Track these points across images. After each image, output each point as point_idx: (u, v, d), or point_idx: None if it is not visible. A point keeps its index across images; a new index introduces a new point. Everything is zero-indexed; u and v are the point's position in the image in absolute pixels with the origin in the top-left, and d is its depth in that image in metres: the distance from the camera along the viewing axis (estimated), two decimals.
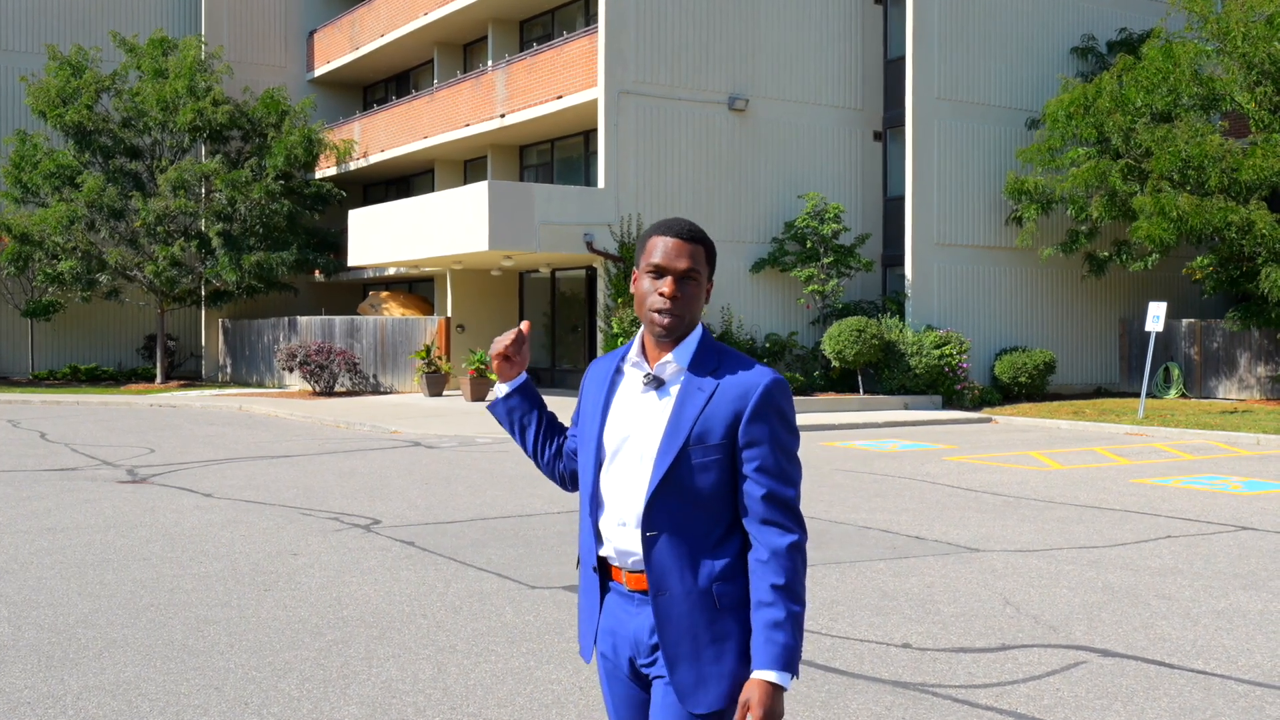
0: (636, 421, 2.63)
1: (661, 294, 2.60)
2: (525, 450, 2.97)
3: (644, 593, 2.62)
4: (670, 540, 2.57)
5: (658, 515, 2.57)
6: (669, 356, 2.63)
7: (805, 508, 10.72)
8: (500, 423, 2.97)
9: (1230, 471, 13.80)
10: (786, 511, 2.59)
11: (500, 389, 2.93)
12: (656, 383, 2.63)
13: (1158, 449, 16.55)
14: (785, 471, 2.61)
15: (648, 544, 2.57)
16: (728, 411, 2.57)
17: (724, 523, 2.61)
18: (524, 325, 2.90)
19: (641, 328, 2.71)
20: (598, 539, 2.69)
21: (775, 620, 2.51)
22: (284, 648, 5.97)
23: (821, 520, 10.03)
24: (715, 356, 2.63)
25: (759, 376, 2.60)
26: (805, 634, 6.27)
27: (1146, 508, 10.91)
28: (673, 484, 2.56)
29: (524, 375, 2.93)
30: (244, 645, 6.01)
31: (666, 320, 2.60)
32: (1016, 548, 8.87)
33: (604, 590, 2.72)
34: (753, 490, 2.57)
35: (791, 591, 2.53)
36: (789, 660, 2.51)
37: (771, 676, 2.48)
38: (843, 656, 5.89)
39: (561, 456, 2.95)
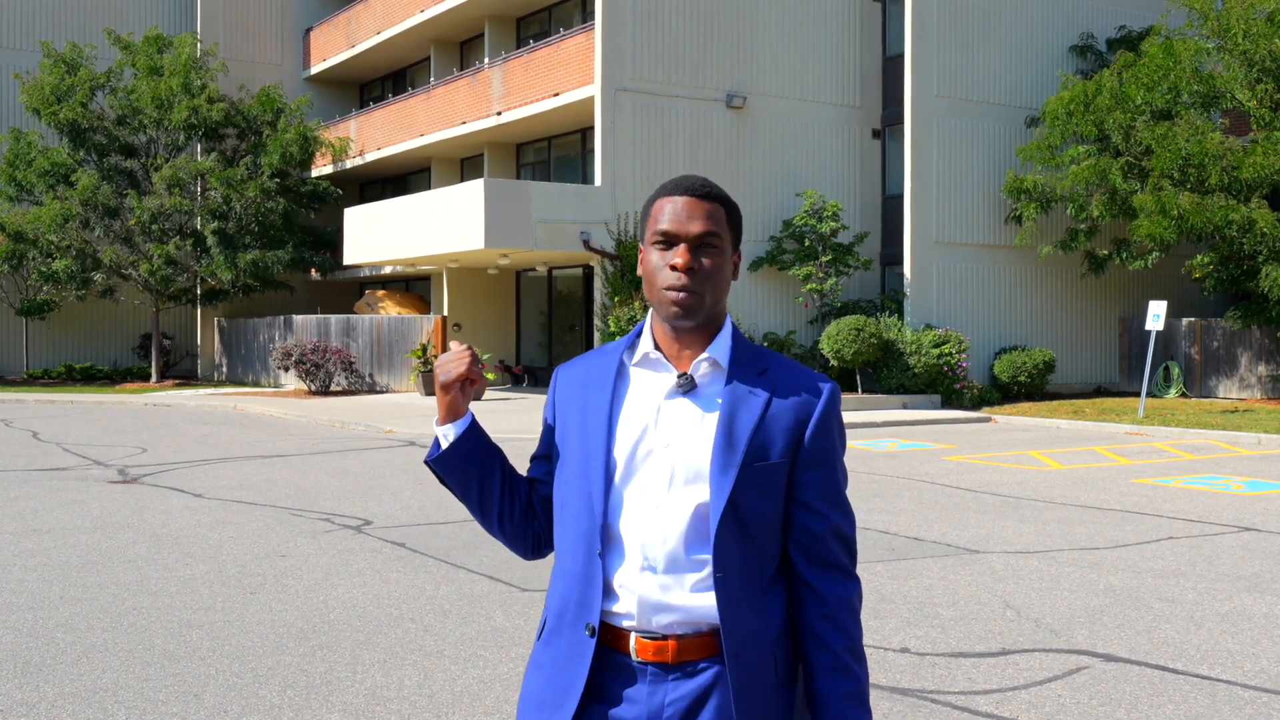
0: (665, 434, 2.07)
1: (674, 266, 2.07)
2: (487, 511, 2.22)
3: (663, 665, 2.04)
4: (739, 588, 2.04)
5: (724, 554, 2.03)
6: (706, 352, 2.11)
7: None
8: (447, 481, 2.21)
9: (1232, 472, 13.67)
10: (849, 553, 2.14)
11: (446, 432, 2.18)
12: (690, 384, 2.10)
13: (1158, 449, 16.43)
14: (845, 502, 2.16)
15: (722, 592, 2.03)
16: (788, 423, 2.09)
17: (775, 562, 2.11)
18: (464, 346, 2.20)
19: (647, 317, 2.20)
20: (605, 592, 2.07)
21: (851, 692, 2.07)
22: (267, 653, 5.83)
23: None
24: (759, 355, 2.15)
25: (819, 382, 2.14)
26: None
27: (1148, 508, 10.78)
28: (730, 513, 2.03)
29: (470, 413, 2.21)
30: (226, 650, 5.87)
31: (684, 299, 2.06)
32: (1017, 549, 8.74)
33: (596, 665, 2.08)
34: (813, 525, 2.10)
35: (860, 656, 2.11)
36: None
37: None
38: None
39: (535, 511, 2.26)
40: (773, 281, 23.68)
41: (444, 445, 2.19)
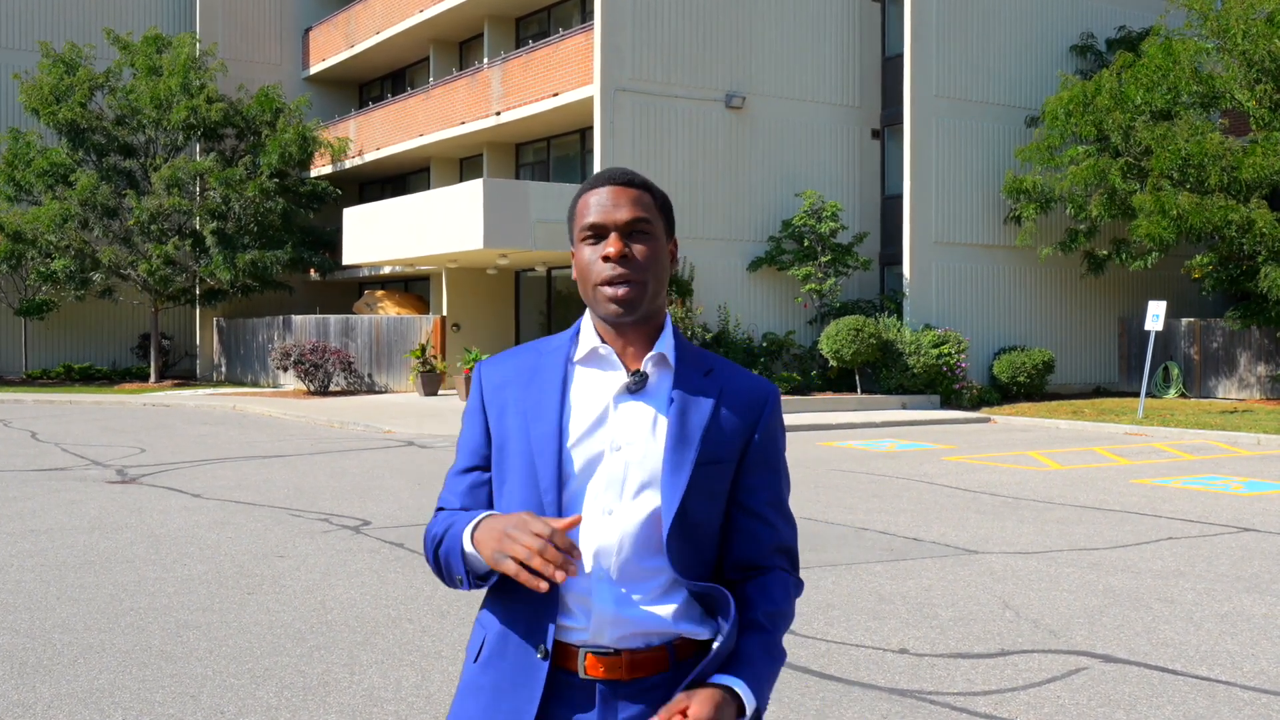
0: (617, 435, 1.97)
1: (607, 257, 1.96)
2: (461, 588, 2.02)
3: (614, 683, 1.94)
4: (688, 596, 1.98)
5: (674, 560, 1.94)
6: (655, 349, 2.01)
7: (800, 507, 10.58)
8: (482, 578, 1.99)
9: (1231, 472, 13.66)
10: (794, 565, 2.09)
11: (480, 562, 1.93)
12: (643, 382, 1.99)
13: (1157, 449, 16.42)
14: (789, 510, 2.09)
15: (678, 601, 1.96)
16: (736, 424, 2.01)
17: (711, 568, 2.03)
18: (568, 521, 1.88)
19: (582, 316, 2.08)
20: (559, 608, 1.95)
21: (768, 645, 1.98)
22: (264, 654, 5.82)
23: (817, 521, 9.89)
24: (701, 355, 2.07)
25: (764, 384, 2.08)
26: (799, 638, 6.13)
27: (1147, 509, 10.77)
28: (680, 517, 1.94)
29: None
30: (224, 651, 5.86)
31: (622, 291, 1.95)
32: (1016, 550, 8.73)
33: (548, 688, 1.94)
34: (761, 533, 2.03)
35: (779, 642, 2.02)
36: (762, 695, 1.93)
37: (737, 687, 1.90)
38: (838, 662, 5.74)
39: None
40: (772, 282, 23.67)
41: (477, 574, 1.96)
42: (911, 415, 20.78)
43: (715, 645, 1.94)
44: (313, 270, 31.53)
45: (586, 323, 2.06)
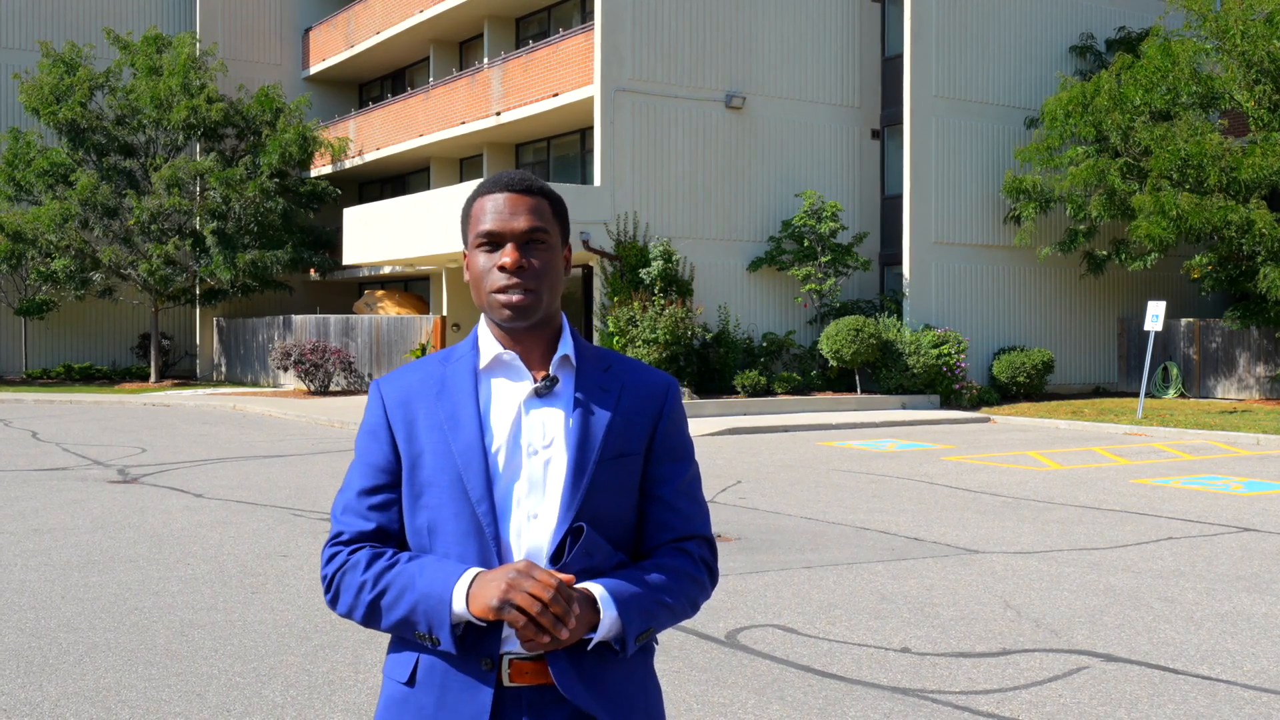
0: (532, 439, 1.97)
1: (503, 267, 1.96)
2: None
3: (540, 688, 1.93)
4: None
5: (573, 563, 1.92)
6: (560, 351, 2.02)
7: (801, 507, 10.61)
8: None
9: (1230, 472, 13.69)
10: (711, 553, 2.08)
11: (464, 618, 1.90)
12: (552, 385, 2.00)
13: (1157, 449, 16.45)
14: (702, 497, 2.09)
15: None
16: (641, 416, 2.03)
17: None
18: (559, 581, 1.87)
19: (478, 323, 2.08)
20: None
21: (653, 584, 1.96)
22: (269, 652, 5.85)
23: (819, 521, 9.91)
24: (599, 352, 2.08)
25: (663, 376, 2.10)
26: (802, 637, 6.15)
27: (1147, 509, 10.80)
28: (587, 516, 1.95)
29: None
30: (229, 650, 5.89)
31: (517, 298, 1.95)
32: (1016, 549, 8.76)
33: (495, 705, 1.93)
34: (672, 521, 2.03)
35: (681, 593, 2.00)
36: (629, 614, 1.91)
37: (595, 592, 1.89)
38: (841, 661, 5.77)
39: None
40: (772, 282, 23.70)
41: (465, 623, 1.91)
42: (911, 415, 20.81)
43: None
44: (313, 270, 31.55)
45: (484, 330, 2.06)
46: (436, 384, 2.03)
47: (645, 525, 2.05)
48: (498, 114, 25.15)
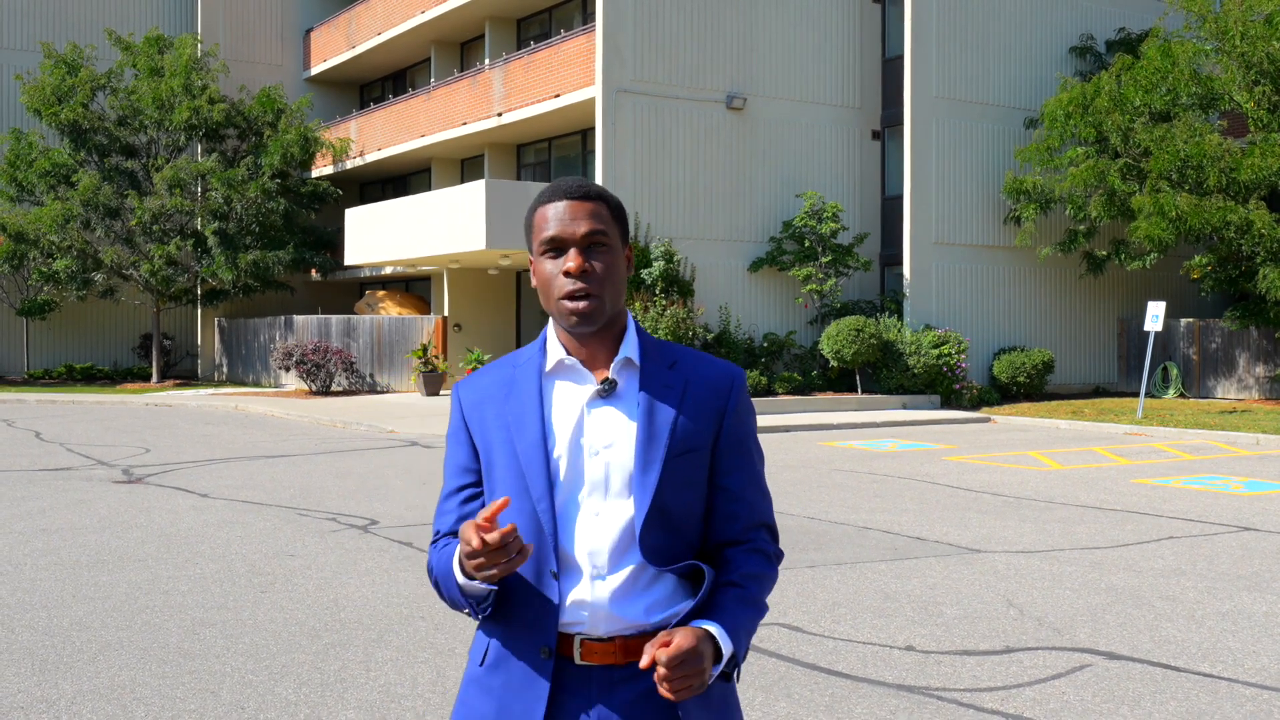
0: (594, 441, 2.06)
1: (568, 272, 2.04)
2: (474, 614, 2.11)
3: (610, 667, 2.05)
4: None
5: (650, 552, 2.05)
6: (621, 353, 2.09)
7: (803, 507, 10.67)
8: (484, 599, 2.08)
9: (1230, 472, 13.76)
10: (774, 536, 2.18)
11: (477, 588, 2.02)
12: (612, 388, 2.08)
13: (1157, 449, 16.51)
14: (764, 485, 2.18)
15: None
16: (705, 411, 2.10)
17: (695, 550, 2.12)
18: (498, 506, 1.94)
19: (547, 326, 2.16)
20: (559, 609, 2.05)
21: (743, 599, 2.07)
22: (281, 651, 5.91)
23: (821, 521, 9.97)
24: (666, 348, 2.14)
25: (730, 368, 2.15)
26: (807, 635, 6.22)
27: (1147, 508, 10.86)
28: (655, 512, 2.04)
29: None
30: (240, 648, 5.95)
31: (583, 305, 2.03)
32: (1018, 549, 8.82)
33: (554, 685, 2.05)
34: (739, 512, 2.12)
35: (762, 601, 2.12)
36: (738, 640, 2.03)
37: (713, 629, 1.98)
38: (846, 659, 5.83)
39: None
40: (772, 282, 23.76)
41: (484, 597, 2.06)
42: (912, 415, 20.87)
43: (694, 600, 2.05)
44: (314, 270, 31.60)
45: (551, 334, 2.14)
46: (506, 386, 2.13)
47: (713, 516, 2.13)
48: (499, 115, 25.20)
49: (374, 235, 25.42)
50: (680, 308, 20.93)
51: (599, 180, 22.17)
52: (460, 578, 2.01)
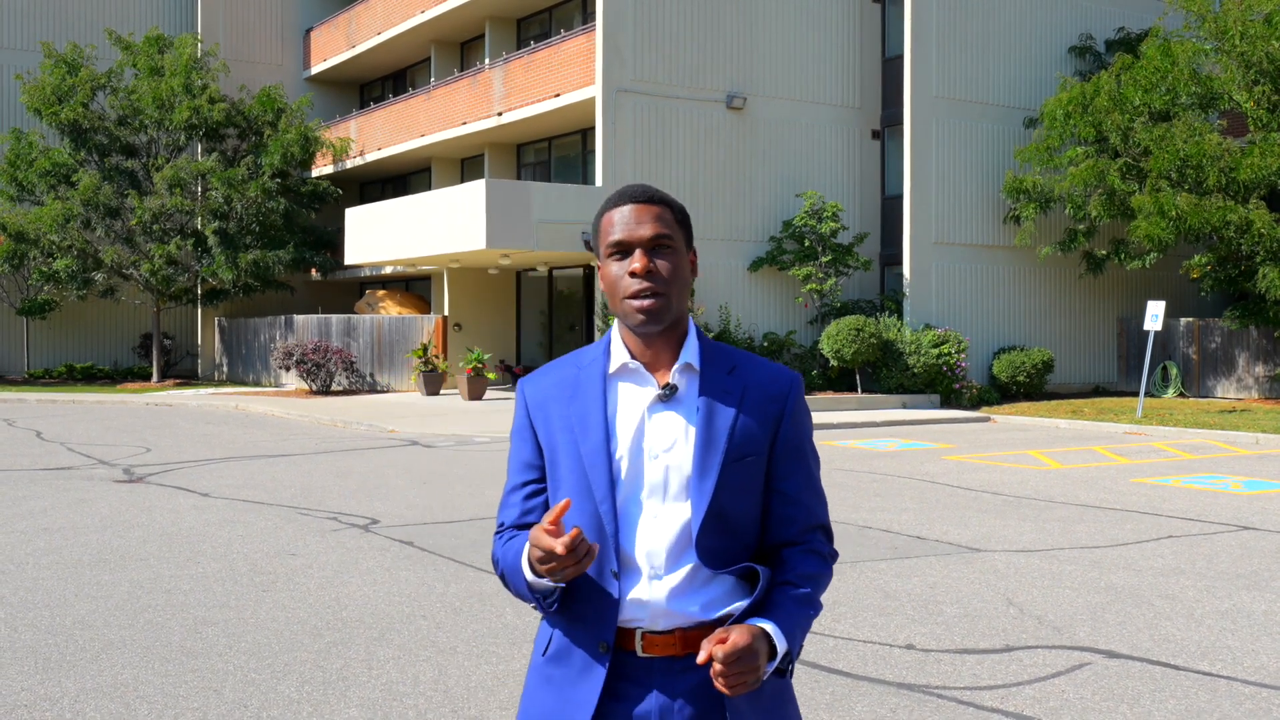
0: (654, 444, 2.13)
1: (634, 273, 2.11)
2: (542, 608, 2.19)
3: (670, 658, 2.12)
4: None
5: (706, 553, 2.12)
6: (680, 359, 2.16)
7: None
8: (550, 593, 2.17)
9: (1230, 471, 13.78)
10: (828, 537, 2.24)
11: (545, 584, 2.11)
12: (672, 393, 2.14)
13: (1157, 448, 16.53)
14: (820, 489, 2.25)
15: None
16: (762, 417, 2.15)
17: (751, 551, 2.19)
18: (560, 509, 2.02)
19: (611, 328, 2.22)
20: (619, 605, 2.13)
21: (798, 599, 2.13)
22: (283, 649, 5.92)
23: None
24: (726, 353, 2.21)
25: (786, 374, 2.22)
26: (808, 634, 6.23)
27: (1147, 507, 10.88)
28: (712, 515, 2.11)
29: None
30: (243, 647, 5.96)
31: (648, 304, 2.10)
32: (1018, 548, 8.84)
33: (612, 668, 2.13)
34: (796, 515, 2.18)
35: (816, 600, 2.19)
36: (793, 638, 2.10)
37: (768, 627, 2.06)
38: (846, 658, 5.85)
39: None
40: (772, 282, 23.78)
41: (549, 592, 2.13)
42: (912, 415, 20.89)
43: (751, 599, 2.12)
44: (314, 270, 31.61)
45: (616, 336, 2.21)
46: (570, 387, 2.20)
47: (770, 518, 2.20)
48: (499, 114, 25.22)
49: (374, 235, 25.43)
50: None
51: (599, 180, 22.20)
52: (529, 575, 2.09)
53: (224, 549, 8.57)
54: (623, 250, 2.14)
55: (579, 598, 2.15)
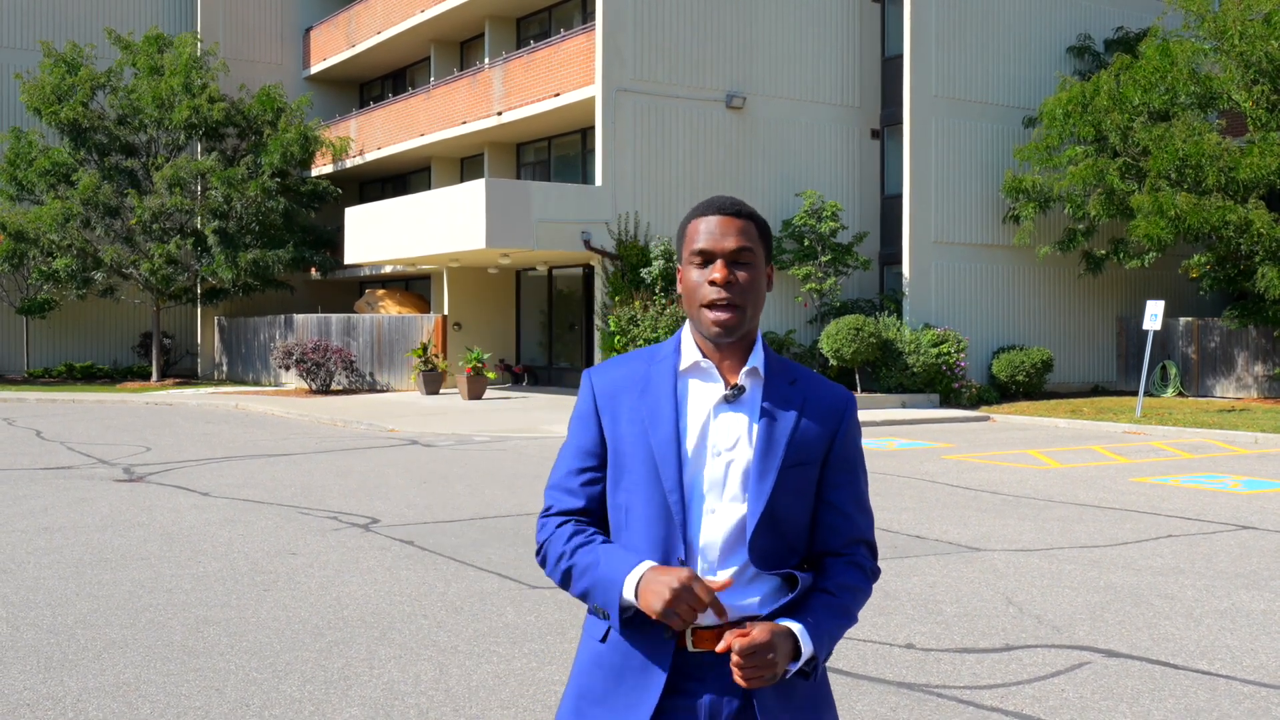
0: (718, 441, 2.20)
1: (713, 282, 2.18)
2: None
3: (715, 654, 2.16)
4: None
5: (757, 552, 2.18)
6: (749, 363, 2.23)
7: None
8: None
9: (1229, 470, 13.79)
10: (872, 553, 2.30)
11: (634, 604, 2.15)
12: (739, 394, 2.21)
13: (1156, 448, 16.55)
14: (868, 505, 2.32)
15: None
16: (820, 430, 2.23)
17: (799, 556, 2.25)
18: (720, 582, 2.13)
19: (682, 328, 2.29)
20: None
21: (831, 607, 2.19)
22: (284, 649, 5.94)
23: None
24: (787, 366, 2.28)
25: (843, 391, 2.30)
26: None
27: (1146, 507, 10.90)
28: (767, 516, 2.17)
29: None
30: (244, 646, 5.98)
31: (725, 316, 2.18)
32: (1018, 547, 8.85)
33: (676, 668, 2.18)
34: (841, 526, 2.25)
35: (853, 611, 2.24)
36: (820, 643, 2.15)
37: (794, 628, 2.11)
38: (846, 657, 5.86)
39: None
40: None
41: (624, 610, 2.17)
42: (911, 414, 20.91)
43: (786, 598, 2.19)
44: (314, 269, 31.62)
45: (687, 335, 2.28)
46: (641, 381, 2.25)
47: (818, 527, 2.27)
48: (499, 114, 25.23)
49: (374, 234, 25.44)
50: (681, 307, 20.96)
51: (599, 179, 22.21)
52: (629, 596, 2.11)
53: (225, 548, 8.58)
54: (705, 259, 2.21)
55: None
